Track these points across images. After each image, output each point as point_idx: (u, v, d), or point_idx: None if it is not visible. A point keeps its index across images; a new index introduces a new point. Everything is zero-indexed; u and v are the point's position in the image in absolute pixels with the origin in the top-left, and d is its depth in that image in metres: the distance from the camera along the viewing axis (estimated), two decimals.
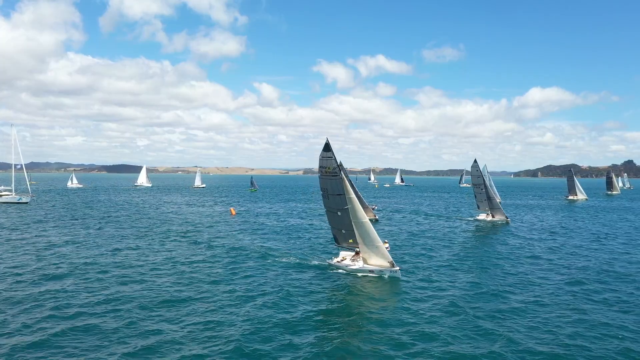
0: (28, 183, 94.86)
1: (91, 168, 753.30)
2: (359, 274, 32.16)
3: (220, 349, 19.67)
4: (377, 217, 68.21)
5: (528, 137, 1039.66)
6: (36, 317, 23.08)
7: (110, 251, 40.59)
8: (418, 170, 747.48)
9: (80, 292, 27.38)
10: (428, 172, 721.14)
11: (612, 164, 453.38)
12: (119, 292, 27.55)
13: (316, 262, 36.04)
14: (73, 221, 62.41)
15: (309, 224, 63.43)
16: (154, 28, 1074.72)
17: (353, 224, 32.41)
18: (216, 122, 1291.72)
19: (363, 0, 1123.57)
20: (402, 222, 67.39)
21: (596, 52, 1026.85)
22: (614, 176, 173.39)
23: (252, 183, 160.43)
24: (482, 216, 71.25)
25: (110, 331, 21.44)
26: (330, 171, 32.06)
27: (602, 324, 23.12)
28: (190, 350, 19.51)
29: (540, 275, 33.50)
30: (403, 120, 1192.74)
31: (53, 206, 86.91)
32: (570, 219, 75.64)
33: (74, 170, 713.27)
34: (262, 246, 43.64)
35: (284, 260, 37.04)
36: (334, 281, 31.15)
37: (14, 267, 33.54)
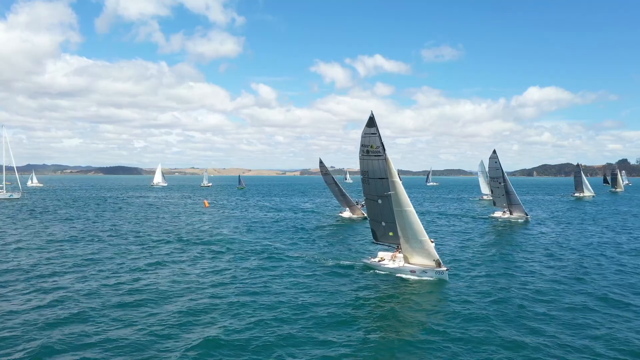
0: (16, 183, 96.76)
1: (88, 170, 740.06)
2: (399, 275, 27.97)
3: (247, 352, 17.65)
4: (365, 215, 63.81)
5: (526, 136, 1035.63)
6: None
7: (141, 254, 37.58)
8: (415, 170, 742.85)
9: (83, 288, 24.55)
10: (425, 172, 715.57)
11: (607, 163, 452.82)
12: (146, 290, 24.71)
13: (349, 263, 31.83)
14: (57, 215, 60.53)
15: (325, 221, 59.64)
16: (151, 29, 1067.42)
17: (395, 212, 28.11)
18: (213, 123, 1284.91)
19: (361, 0, 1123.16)
20: None
21: (594, 51, 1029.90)
22: (619, 172, 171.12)
23: (239, 182, 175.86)
24: (497, 214, 65.22)
25: (126, 329, 19.48)
26: (374, 150, 27.86)
27: None
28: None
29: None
30: (401, 120, 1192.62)
31: (43, 200, 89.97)
32: (593, 214, 72.07)
33: (71, 172, 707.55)
34: (289, 245, 39.82)
35: (315, 261, 32.92)
36: (369, 283, 27.10)
37: None
